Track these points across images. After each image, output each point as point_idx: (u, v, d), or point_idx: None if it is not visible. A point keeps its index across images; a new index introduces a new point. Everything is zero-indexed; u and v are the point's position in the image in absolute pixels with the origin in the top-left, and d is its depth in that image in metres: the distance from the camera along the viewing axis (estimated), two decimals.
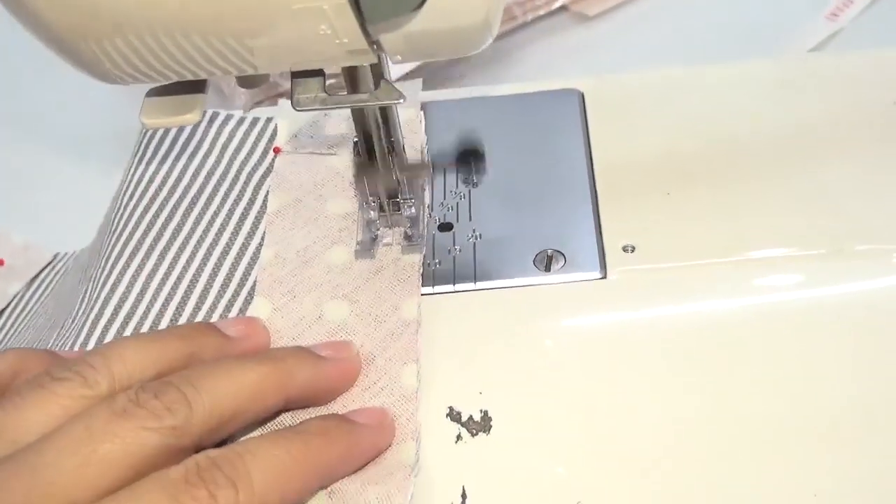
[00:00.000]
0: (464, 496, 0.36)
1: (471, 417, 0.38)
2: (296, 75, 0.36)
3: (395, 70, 0.48)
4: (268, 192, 0.46)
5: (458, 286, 0.42)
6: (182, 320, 0.42)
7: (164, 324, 0.42)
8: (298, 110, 0.36)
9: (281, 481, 0.32)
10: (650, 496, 0.35)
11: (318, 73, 0.36)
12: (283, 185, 0.46)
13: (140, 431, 0.32)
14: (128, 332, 0.42)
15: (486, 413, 0.38)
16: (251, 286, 0.43)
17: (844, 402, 0.37)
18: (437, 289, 0.42)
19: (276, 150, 0.48)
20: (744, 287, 0.41)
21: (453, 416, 0.38)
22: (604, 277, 0.41)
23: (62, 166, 0.61)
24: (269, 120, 0.50)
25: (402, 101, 0.36)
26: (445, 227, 0.44)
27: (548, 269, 0.42)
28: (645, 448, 0.36)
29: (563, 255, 0.42)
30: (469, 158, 0.47)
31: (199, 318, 0.42)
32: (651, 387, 0.38)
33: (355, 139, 0.41)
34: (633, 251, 0.42)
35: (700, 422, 0.37)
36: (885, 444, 0.36)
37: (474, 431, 0.37)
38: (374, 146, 0.41)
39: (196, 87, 0.37)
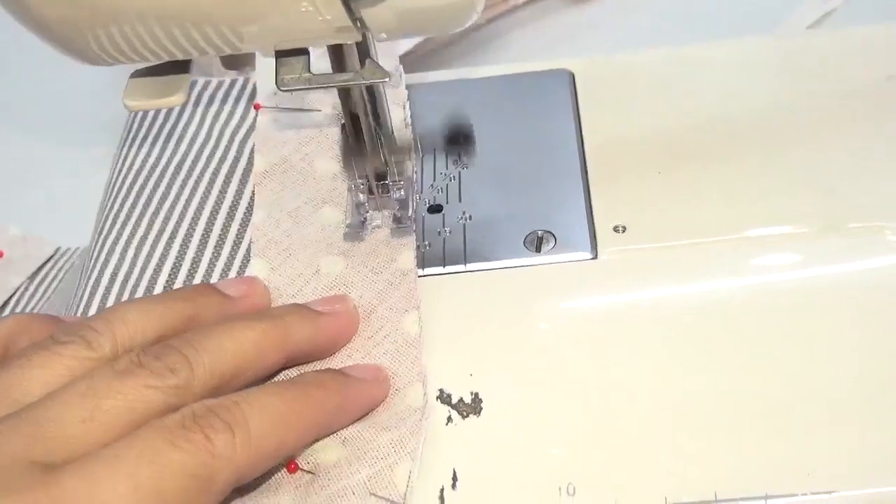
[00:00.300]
0: (454, 479, 0.35)
1: (461, 400, 0.37)
2: (280, 55, 0.36)
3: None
4: (252, 149, 0.46)
5: (449, 268, 0.42)
6: (178, 282, 0.43)
7: (159, 287, 0.43)
8: (283, 90, 0.36)
9: (278, 428, 0.33)
10: (642, 477, 0.35)
11: (303, 52, 0.35)
12: (267, 144, 0.46)
13: (143, 389, 0.32)
14: (116, 289, 0.42)
15: (476, 395, 0.37)
16: (246, 247, 0.43)
17: (840, 381, 0.37)
18: (427, 271, 0.41)
19: (257, 107, 0.47)
20: (736, 266, 0.40)
21: (443, 398, 0.37)
22: (595, 258, 0.41)
23: (58, 161, 0.61)
24: (246, 81, 0.50)
25: (387, 79, 0.36)
26: (435, 209, 0.44)
27: (538, 249, 0.42)
28: (636, 429, 0.36)
29: (553, 235, 0.42)
30: (458, 140, 0.46)
31: (197, 277, 0.43)
32: (642, 367, 0.38)
33: (342, 121, 0.40)
34: (624, 231, 0.42)
35: (693, 402, 0.37)
36: (881, 422, 0.36)
37: (465, 414, 0.37)
38: (361, 128, 0.40)
39: (181, 67, 0.36)
